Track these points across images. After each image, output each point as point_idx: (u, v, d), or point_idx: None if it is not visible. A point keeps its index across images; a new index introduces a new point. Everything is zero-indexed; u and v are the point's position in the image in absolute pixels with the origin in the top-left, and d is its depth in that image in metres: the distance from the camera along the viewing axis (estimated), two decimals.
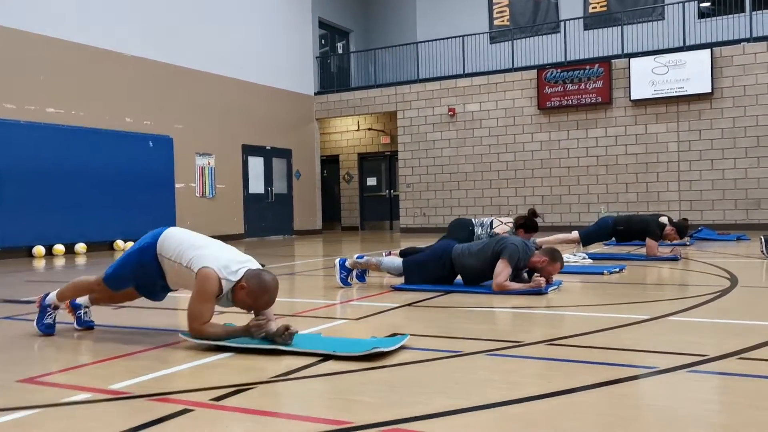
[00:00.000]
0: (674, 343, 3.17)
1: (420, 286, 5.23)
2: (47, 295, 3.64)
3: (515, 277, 5.07)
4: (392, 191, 19.62)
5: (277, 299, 3.17)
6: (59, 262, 10.78)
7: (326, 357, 2.89)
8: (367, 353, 2.84)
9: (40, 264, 10.46)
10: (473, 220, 6.81)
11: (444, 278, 5.26)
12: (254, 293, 3.06)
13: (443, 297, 4.88)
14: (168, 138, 13.71)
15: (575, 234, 8.53)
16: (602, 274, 6.10)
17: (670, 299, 4.81)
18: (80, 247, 11.95)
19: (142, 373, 2.75)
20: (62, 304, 3.64)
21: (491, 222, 6.53)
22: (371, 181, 20.12)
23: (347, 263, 5.62)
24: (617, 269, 6.29)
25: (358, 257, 5.76)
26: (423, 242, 14.89)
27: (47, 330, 3.60)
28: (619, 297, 4.91)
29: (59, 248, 11.65)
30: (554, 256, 4.96)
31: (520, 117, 15.90)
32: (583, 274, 6.16)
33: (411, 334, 3.29)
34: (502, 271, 4.87)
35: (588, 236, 8.41)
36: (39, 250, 11.35)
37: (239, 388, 2.48)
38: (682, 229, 8.28)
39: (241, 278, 3.09)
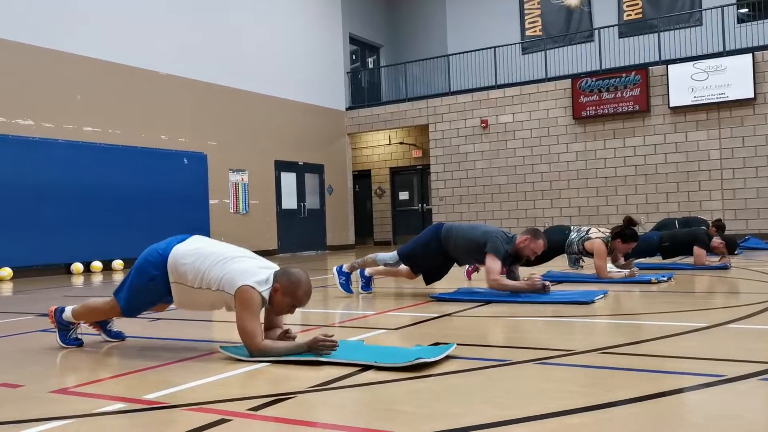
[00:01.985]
0: (740, 351, 2.96)
1: (459, 295, 5.07)
2: (62, 310, 3.51)
3: (509, 273, 5.06)
4: (425, 205, 19.45)
5: (312, 309, 3.06)
6: (97, 278, 10.85)
7: (367, 366, 2.74)
8: (410, 364, 2.68)
9: (78, 280, 10.54)
10: (571, 227, 6.56)
11: (438, 263, 5.25)
12: (289, 289, 2.96)
13: (483, 307, 4.70)
14: (202, 155, 13.79)
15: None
16: (650, 282, 5.86)
17: (724, 307, 4.56)
18: (117, 263, 12.03)
19: (176, 383, 2.64)
20: (80, 322, 3.54)
21: (588, 230, 6.32)
22: (403, 196, 19.99)
23: (344, 268, 5.61)
24: (665, 278, 6.03)
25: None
26: None
27: (75, 342, 3.52)
28: (671, 305, 4.67)
29: (97, 265, 11.75)
30: (535, 233, 4.96)
31: (555, 127, 15.65)
32: (631, 284, 5.92)
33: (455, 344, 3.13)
34: (493, 265, 4.82)
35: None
36: (77, 266, 11.44)
37: (277, 398, 2.35)
38: (732, 243, 7.97)
39: (273, 281, 3.01)
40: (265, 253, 15.45)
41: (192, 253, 3.13)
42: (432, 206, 17.60)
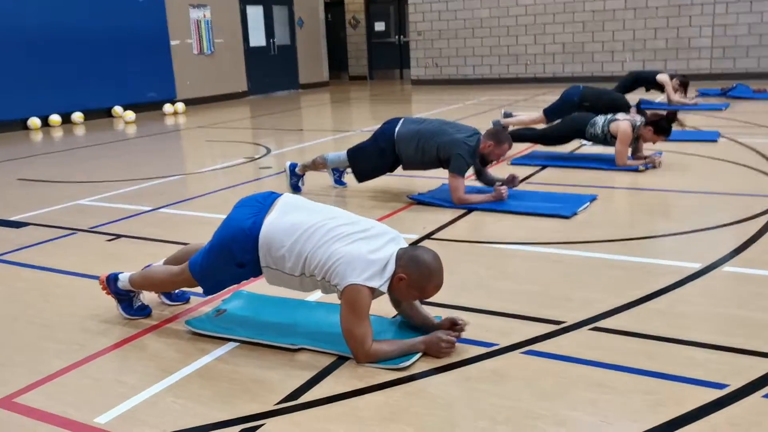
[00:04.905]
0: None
1: (440, 200, 4.79)
2: (115, 279, 3.00)
3: (481, 175, 4.96)
4: (402, 36, 18.44)
5: None
6: (57, 133, 10.32)
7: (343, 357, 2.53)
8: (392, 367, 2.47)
9: (37, 137, 10.02)
10: (590, 120, 5.94)
11: (386, 166, 4.99)
12: (417, 282, 2.44)
13: (468, 218, 4.46)
14: None
15: (539, 114, 7.59)
16: (638, 170, 5.61)
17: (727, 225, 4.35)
18: (77, 116, 11.40)
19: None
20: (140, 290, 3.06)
21: (616, 114, 5.77)
22: (379, 27, 18.87)
23: (297, 169, 5.40)
24: (651, 164, 5.75)
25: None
26: (435, 95, 14.23)
27: (143, 313, 3.02)
28: (662, 217, 4.49)
29: (55, 119, 11.10)
30: (499, 138, 4.65)
31: None
32: (621, 171, 5.67)
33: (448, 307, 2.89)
34: (457, 185, 4.63)
35: (552, 113, 7.27)
36: (34, 122, 10.81)
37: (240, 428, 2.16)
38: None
39: (395, 267, 2.47)
40: (234, 96, 14.79)
41: (289, 232, 2.57)
42: (410, 40, 16.65)
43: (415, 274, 2.44)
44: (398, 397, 2.25)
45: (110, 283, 3.03)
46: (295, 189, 5.38)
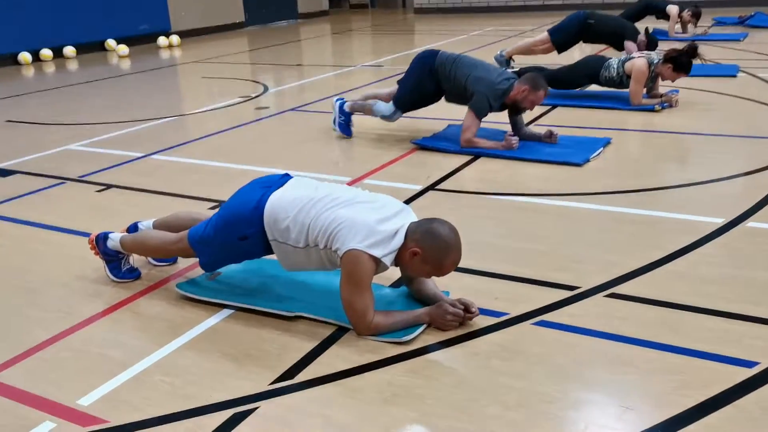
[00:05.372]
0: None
1: (445, 144, 4.56)
2: (105, 238, 2.83)
3: (513, 126, 4.59)
4: None
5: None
6: (48, 69, 9.98)
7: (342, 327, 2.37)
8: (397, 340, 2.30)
9: (28, 73, 9.70)
10: (604, 63, 5.57)
11: (433, 100, 4.73)
12: (433, 257, 2.24)
13: (474, 166, 4.24)
14: None
15: (545, 35, 6.96)
16: (654, 110, 5.33)
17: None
18: (69, 50, 11.01)
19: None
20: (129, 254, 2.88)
21: (622, 60, 5.42)
22: None
23: (346, 106, 4.98)
24: (666, 104, 5.47)
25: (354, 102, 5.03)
26: (438, 25, 13.70)
27: (131, 275, 2.85)
28: (676, 159, 4.27)
29: (47, 53, 10.74)
30: (535, 83, 4.30)
31: None
32: (634, 111, 5.40)
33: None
34: (470, 125, 4.37)
35: (558, 32, 6.81)
36: (25, 57, 10.45)
37: (231, 414, 2.02)
38: (652, 41, 6.73)
39: (406, 240, 2.28)
40: (231, 28, 14.25)
41: (294, 203, 2.41)
42: None
43: (431, 249, 2.25)
44: (401, 375, 2.10)
45: (99, 242, 2.85)
46: (344, 131, 4.96)
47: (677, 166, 4.19)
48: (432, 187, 3.87)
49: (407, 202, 3.65)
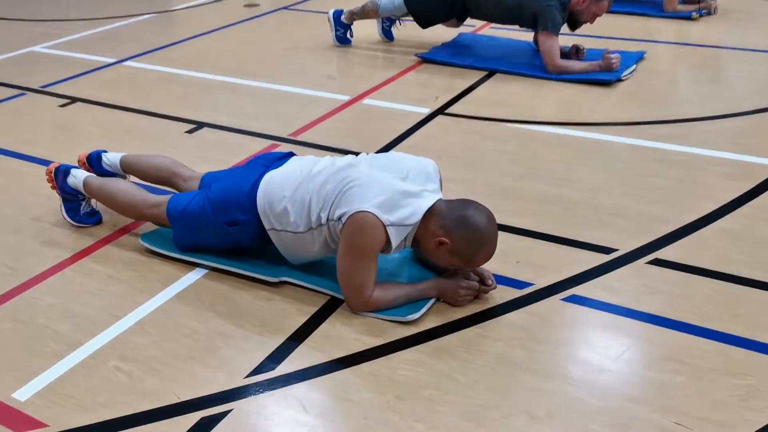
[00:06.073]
0: None
1: (454, 58, 4.02)
2: (66, 172, 2.38)
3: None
4: None
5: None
6: None
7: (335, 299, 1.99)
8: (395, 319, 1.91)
9: None
10: None
11: (451, 15, 4.10)
12: (465, 251, 1.85)
13: (488, 84, 3.73)
14: None
15: None
16: (691, 18, 4.75)
17: None
18: None
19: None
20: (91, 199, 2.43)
21: None
22: None
23: (343, 17, 4.38)
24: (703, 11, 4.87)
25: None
26: None
27: (91, 220, 2.43)
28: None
29: None
30: None
31: None
32: (669, 19, 4.81)
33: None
34: (551, 46, 3.69)
35: None
36: None
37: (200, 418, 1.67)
38: None
39: (430, 223, 1.85)
40: None
41: (291, 178, 2.00)
42: None
43: (463, 241, 1.84)
44: (403, 369, 1.73)
45: (59, 176, 2.41)
46: (343, 41, 4.42)
47: (719, 91, 3.69)
48: (441, 110, 3.39)
49: (412, 128, 3.19)
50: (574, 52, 3.90)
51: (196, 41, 4.73)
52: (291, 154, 2.22)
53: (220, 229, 2.09)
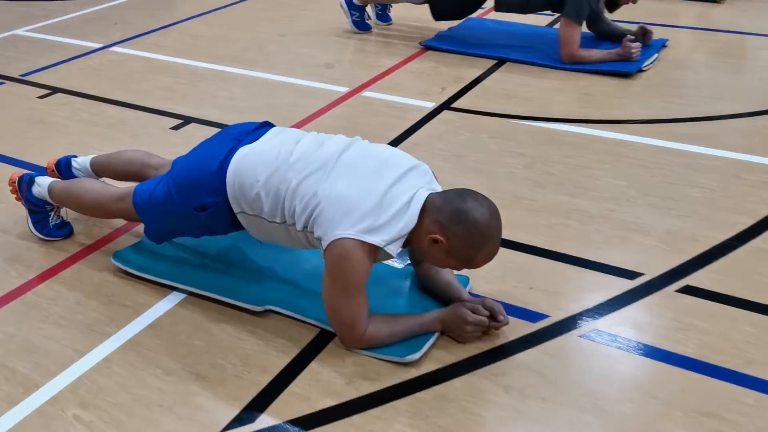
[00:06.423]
0: None
1: (461, 46, 3.74)
2: (30, 181, 2.16)
3: (596, 24, 3.65)
4: None
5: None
6: None
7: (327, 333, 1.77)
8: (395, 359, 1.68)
9: None
10: None
11: (470, 4, 3.80)
12: (463, 251, 1.59)
13: (497, 76, 3.47)
14: None
15: None
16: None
17: None
18: None
19: None
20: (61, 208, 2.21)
21: None
22: None
23: (356, 0, 4.05)
24: None
25: None
26: None
27: (61, 233, 2.21)
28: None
29: None
30: None
31: None
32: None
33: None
34: (571, 34, 3.39)
35: None
36: None
37: None
38: None
39: (423, 218, 1.60)
40: None
41: (266, 160, 1.74)
42: None
43: (460, 239, 1.57)
44: (400, 424, 1.51)
45: (22, 185, 2.18)
46: (363, 28, 4.09)
47: (752, 84, 3.41)
48: (447, 104, 3.14)
49: (416, 125, 2.95)
50: (641, 35, 3.55)
51: (188, 24, 4.46)
52: (268, 125, 1.94)
53: (189, 215, 1.85)
